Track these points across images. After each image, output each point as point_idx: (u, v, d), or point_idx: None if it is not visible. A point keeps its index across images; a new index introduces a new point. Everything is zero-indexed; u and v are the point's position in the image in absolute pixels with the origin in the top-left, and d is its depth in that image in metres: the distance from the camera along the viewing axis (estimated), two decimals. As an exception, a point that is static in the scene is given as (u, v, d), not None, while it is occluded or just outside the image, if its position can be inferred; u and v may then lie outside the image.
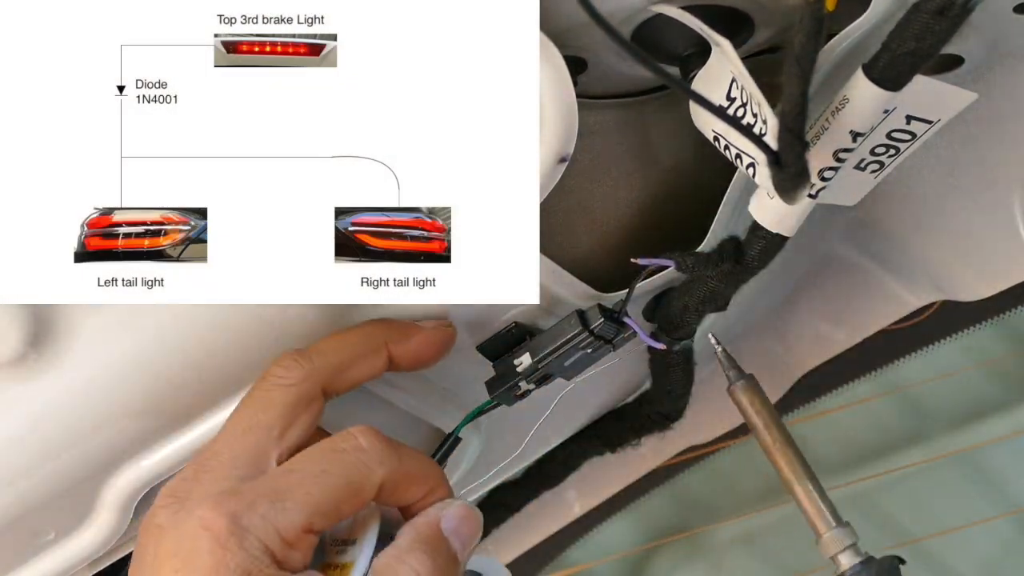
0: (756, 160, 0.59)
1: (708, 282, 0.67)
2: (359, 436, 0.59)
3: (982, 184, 0.75)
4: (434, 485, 0.61)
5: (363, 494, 0.58)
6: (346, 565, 0.59)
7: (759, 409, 0.69)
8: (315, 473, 0.57)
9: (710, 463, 1.14)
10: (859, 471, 1.24)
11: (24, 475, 0.64)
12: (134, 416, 0.64)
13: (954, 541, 1.28)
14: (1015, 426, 1.22)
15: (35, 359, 0.62)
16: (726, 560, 1.37)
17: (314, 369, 0.61)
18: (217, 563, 0.55)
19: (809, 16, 0.52)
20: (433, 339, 0.64)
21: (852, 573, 0.66)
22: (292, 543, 0.56)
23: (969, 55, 0.66)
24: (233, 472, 0.58)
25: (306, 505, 0.56)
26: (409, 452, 0.60)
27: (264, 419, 0.60)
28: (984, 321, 0.91)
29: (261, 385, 0.61)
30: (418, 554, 0.58)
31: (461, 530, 0.60)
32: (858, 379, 1.03)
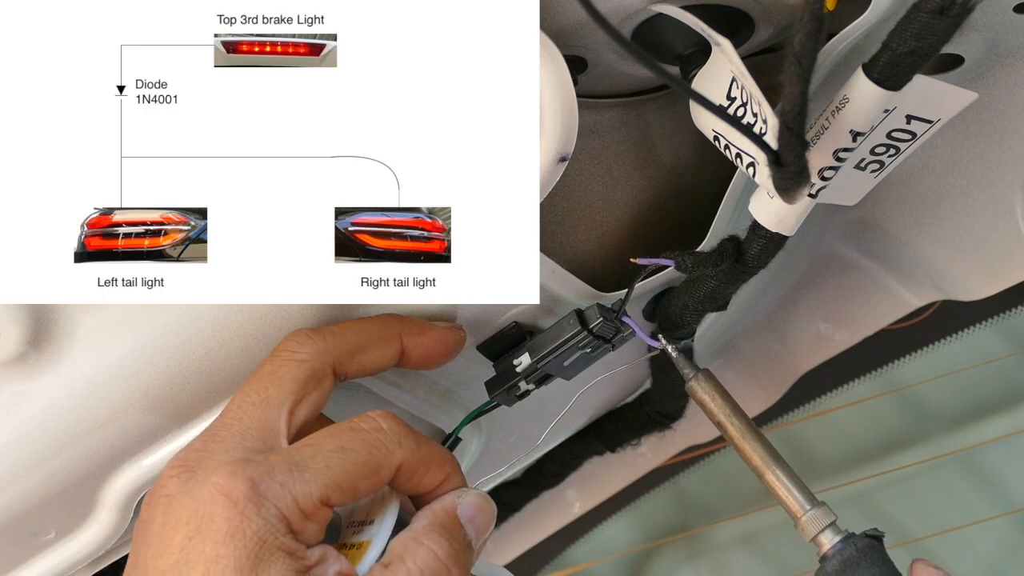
0: (756, 159, 0.59)
1: (708, 282, 0.67)
2: (379, 418, 0.59)
3: (982, 184, 0.75)
4: (450, 473, 0.61)
5: (381, 474, 0.58)
6: (363, 544, 0.59)
7: (720, 403, 0.69)
8: (334, 448, 0.57)
9: (710, 463, 1.14)
10: (859, 471, 1.24)
11: (24, 474, 0.64)
12: (134, 415, 0.63)
13: (954, 540, 1.28)
14: (1015, 426, 1.22)
15: (36, 358, 0.62)
16: (726, 560, 1.36)
17: (327, 347, 0.61)
18: (233, 529, 0.54)
19: (809, 15, 0.51)
20: (445, 339, 0.64)
21: (834, 551, 0.65)
22: (309, 514, 0.55)
23: (969, 54, 0.66)
24: (244, 443, 0.58)
25: (324, 478, 0.56)
26: (426, 439, 0.60)
27: (275, 393, 0.59)
28: (984, 321, 0.91)
29: (273, 359, 0.60)
30: (435, 536, 0.58)
31: (477, 519, 0.60)
32: (858, 379, 1.02)
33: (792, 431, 1.10)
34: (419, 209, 0.59)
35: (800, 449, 1.23)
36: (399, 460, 0.58)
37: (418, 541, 0.58)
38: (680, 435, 0.96)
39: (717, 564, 1.35)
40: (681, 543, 1.41)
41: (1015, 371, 1.18)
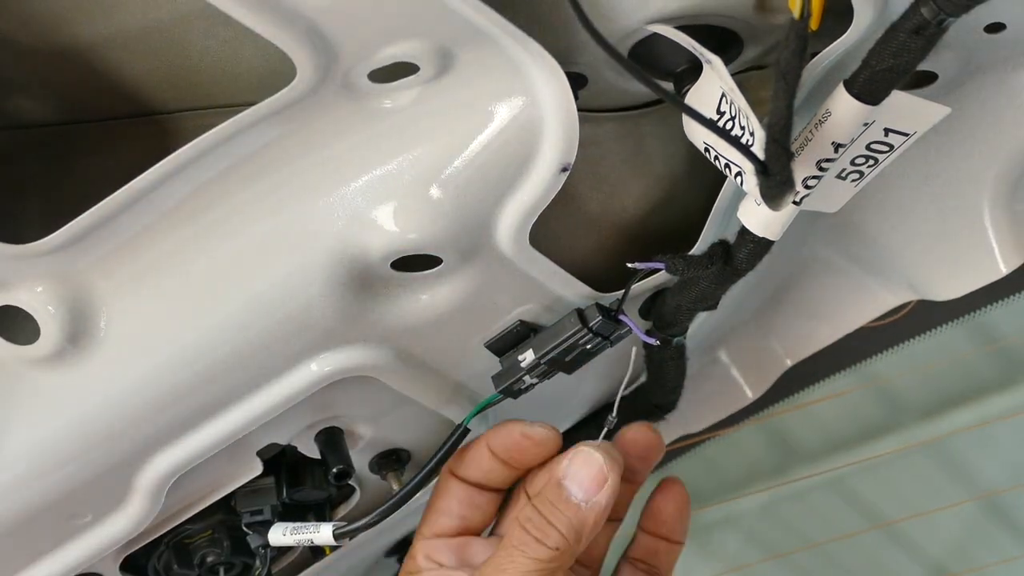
0: (744, 169, 0.59)
1: (700, 283, 0.67)
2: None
3: (954, 191, 0.75)
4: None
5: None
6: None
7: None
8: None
9: (699, 451, 1.14)
10: (837, 459, 1.24)
11: (64, 463, 0.64)
12: (166, 408, 0.64)
13: (924, 523, 1.28)
14: (982, 417, 1.22)
15: (75, 355, 0.62)
16: (712, 540, 1.37)
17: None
18: None
19: (794, 35, 0.52)
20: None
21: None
22: None
23: (943, 71, 0.66)
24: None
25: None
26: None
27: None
28: (955, 319, 0.91)
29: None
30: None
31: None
32: (837, 373, 1.02)
33: (777, 422, 1.10)
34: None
35: (784, 438, 1.23)
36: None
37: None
38: (673, 426, 0.96)
39: (703, 544, 1.36)
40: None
41: (982, 366, 1.19)
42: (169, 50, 0.62)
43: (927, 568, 1.30)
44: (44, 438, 0.63)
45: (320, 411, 0.71)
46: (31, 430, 0.63)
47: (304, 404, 0.67)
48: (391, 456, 0.76)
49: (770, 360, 0.92)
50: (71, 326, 0.61)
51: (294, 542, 0.72)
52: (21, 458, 0.63)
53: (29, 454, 0.63)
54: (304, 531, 0.71)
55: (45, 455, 0.64)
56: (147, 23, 0.61)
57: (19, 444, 0.63)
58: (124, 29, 0.62)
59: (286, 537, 0.72)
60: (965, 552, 1.32)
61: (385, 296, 0.64)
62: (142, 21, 0.61)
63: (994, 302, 0.89)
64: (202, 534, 0.76)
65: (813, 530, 1.28)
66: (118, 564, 0.74)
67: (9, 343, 0.62)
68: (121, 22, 0.61)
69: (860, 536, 1.24)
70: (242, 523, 0.75)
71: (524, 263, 0.64)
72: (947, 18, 0.53)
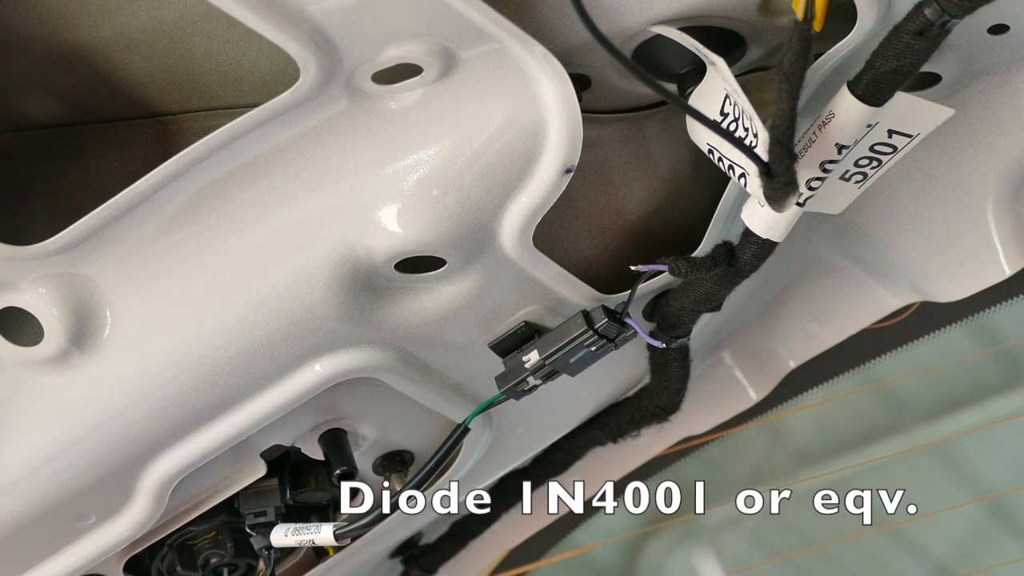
0: (748, 171, 0.58)
1: (703, 285, 0.67)
2: None
3: (957, 193, 0.75)
4: None
5: None
6: None
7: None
8: None
9: (703, 453, 1.14)
10: (841, 460, 1.24)
11: (69, 464, 0.64)
12: (169, 409, 0.63)
13: (928, 525, 1.28)
14: (986, 419, 1.22)
15: (78, 356, 0.62)
16: (717, 541, 1.36)
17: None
18: None
19: (798, 36, 0.51)
20: None
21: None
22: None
23: (946, 73, 0.65)
24: None
25: None
26: None
27: None
28: (959, 321, 0.91)
29: None
30: None
31: None
32: (841, 375, 1.02)
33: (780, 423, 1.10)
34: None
35: (787, 439, 1.22)
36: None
37: None
38: (676, 427, 0.96)
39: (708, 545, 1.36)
40: (676, 526, 1.41)
41: (986, 368, 1.18)
42: (173, 52, 0.62)
43: (931, 570, 1.30)
44: (48, 440, 0.63)
45: (324, 412, 0.71)
46: (35, 432, 0.63)
47: (308, 406, 0.66)
48: (394, 458, 0.76)
49: (774, 362, 0.92)
50: (74, 328, 0.61)
51: (296, 542, 0.72)
52: (25, 460, 0.63)
53: (33, 456, 0.63)
54: (305, 532, 0.71)
55: (49, 457, 0.63)
56: (151, 26, 0.61)
57: (23, 446, 0.63)
58: (128, 32, 0.61)
59: (288, 538, 0.72)
60: (969, 554, 1.32)
61: (389, 298, 0.63)
62: (146, 23, 0.61)
63: (998, 304, 0.89)
64: (206, 535, 0.76)
65: (817, 532, 1.28)
66: (122, 565, 0.73)
67: (12, 344, 0.61)
68: (125, 25, 0.61)
69: (864, 538, 1.23)
70: (246, 524, 0.74)
71: (528, 264, 0.63)
72: (951, 20, 0.53)
